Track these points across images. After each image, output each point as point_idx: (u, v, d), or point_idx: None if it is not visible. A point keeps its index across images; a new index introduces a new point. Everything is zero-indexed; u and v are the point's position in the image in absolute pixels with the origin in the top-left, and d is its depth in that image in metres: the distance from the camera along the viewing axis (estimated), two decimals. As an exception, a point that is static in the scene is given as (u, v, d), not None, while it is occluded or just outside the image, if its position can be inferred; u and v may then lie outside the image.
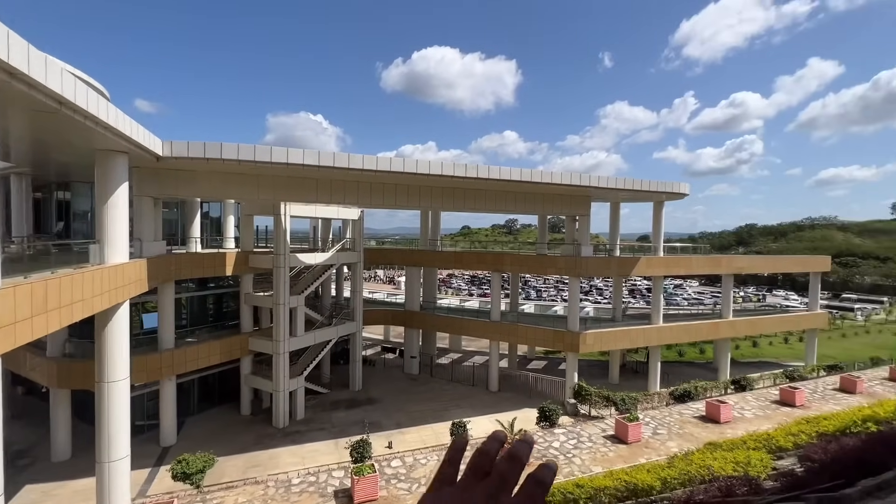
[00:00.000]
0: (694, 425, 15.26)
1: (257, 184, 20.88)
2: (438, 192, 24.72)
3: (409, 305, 34.85)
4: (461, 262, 35.70)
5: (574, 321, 27.94)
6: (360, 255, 30.51)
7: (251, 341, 25.47)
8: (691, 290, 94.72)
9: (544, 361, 38.63)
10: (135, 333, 22.17)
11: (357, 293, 30.44)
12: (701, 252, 37.52)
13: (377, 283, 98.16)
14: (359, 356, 30.52)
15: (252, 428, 24.07)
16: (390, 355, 38.96)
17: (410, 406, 27.38)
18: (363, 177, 21.54)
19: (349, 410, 26.67)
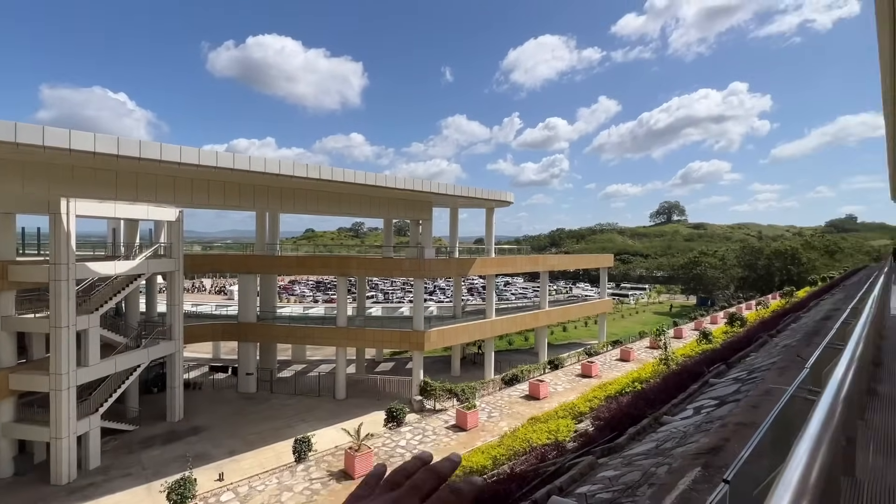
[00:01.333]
0: (520, 404, 17.53)
1: (21, 172, 16.16)
2: (276, 192, 22.96)
3: (243, 317, 31.37)
4: (304, 266, 33.76)
5: (419, 321, 29.13)
6: (179, 262, 26.22)
7: (14, 378, 19.49)
8: (518, 287, 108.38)
9: (392, 363, 39.26)
10: None
11: (176, 307, 26.04)
12: (524, 253, 43.31)
13: (204, 293, 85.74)
14: (179, 381, 26.15)
15: (16, 493, 18.42)
16: (221, 375, 34.41)
17: (246, 429, 24.66)
18: (182, 172, 18.60)
19: (166, 446, 22.63)
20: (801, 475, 1.04)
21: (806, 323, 10.23)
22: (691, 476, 2.93)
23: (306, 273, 38.22)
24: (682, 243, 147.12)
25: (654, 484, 3.03)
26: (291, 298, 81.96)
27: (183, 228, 26.90)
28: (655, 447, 4.14)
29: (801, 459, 1.12)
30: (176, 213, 26.20)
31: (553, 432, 10.33)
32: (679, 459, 3.38)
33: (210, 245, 60.25)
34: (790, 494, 0.94)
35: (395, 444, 13.96)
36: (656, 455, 3.83)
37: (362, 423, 13.07)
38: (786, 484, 0.95)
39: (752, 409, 4.32)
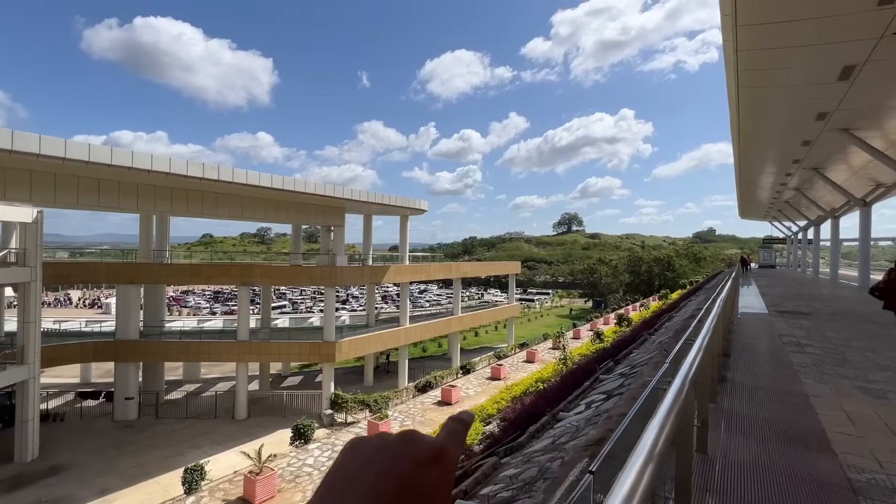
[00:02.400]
0: (433, 411, 17.68)
1: None
2: (166, 192, 20.62)
3: (122, 334, 27.46)
4: (199, 275, 30.58)
5: (330, 331, 28.03)
6: (37, 271, 22.19)
7: None
8: (432, 294, 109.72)
9: (300, 376, 37.21)
10: None
11: (31, 324, 21.93)
12: (437, 260, 44.05)
13: (72, 307, 73.64)
14: (33, 412, 22.01)
15: None
16: (91, 401, 29.67)
17: (124, 462, 21.51)
18: (42, 165, 15.85)
19: (13, 493, 18.87)
20: (646, 455, 1.19)
21: (676, 321, 11.81)
22: (580, 467, 3.19)
23: (202, 283, 34.74)
24: (581, 251, 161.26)
25: (549, 478, 3.25)
26: (184, 311, 73.90)
27: (42, 231, 22.84)
28: (552, 443, 4.45)
29: (647, 441, 1.29)
30: (33, 214, 22.17)
31: None
32: (571, 452, 3.66)
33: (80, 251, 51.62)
34: (634, 472, 1.07)
35: (301, 462, 13.17)
36: (552, 450, 4.12)
37: (263, 444, 12.11)
38: (631, 465, 1.08)
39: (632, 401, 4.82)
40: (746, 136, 17.16)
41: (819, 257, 36.40)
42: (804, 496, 3.04)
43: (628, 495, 0.95)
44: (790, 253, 56.48)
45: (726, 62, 10.87)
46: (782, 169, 23.40)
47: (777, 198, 34.47)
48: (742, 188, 31.02)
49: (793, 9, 8.36)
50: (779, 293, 19.09)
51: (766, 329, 9.84)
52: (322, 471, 12.51)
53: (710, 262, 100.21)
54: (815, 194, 29.49)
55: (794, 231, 48.36)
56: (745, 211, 46.57)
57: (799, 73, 11.34)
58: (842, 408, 4.80)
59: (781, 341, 8.51)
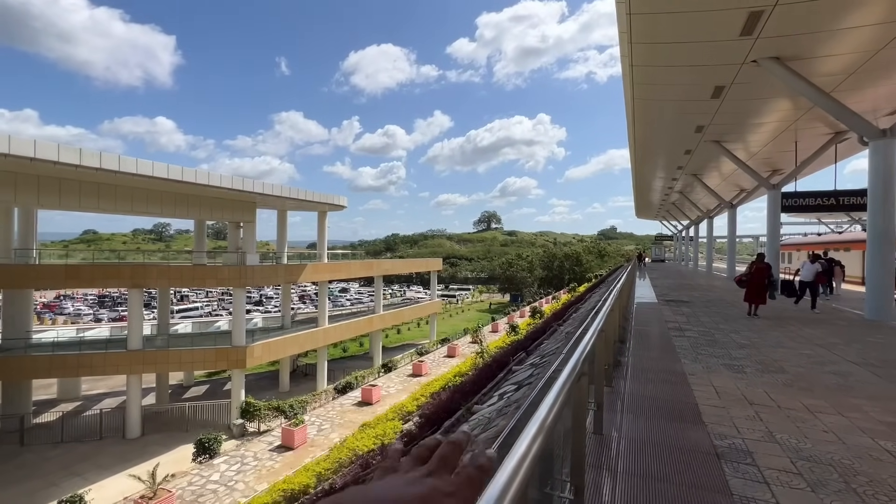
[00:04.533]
0: (353, 412, 17.23)
1: None
2: (30, 181, 17.60)
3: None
4: (78, 278, 26.45)
5: (240, 335, 26.05)
6: None
7: None
8: (354, 292, 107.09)
9: (206, 385, 34.15)
10: None
11: None
12: (358, 258, 43.01)
13: None
14: None
15: None
16: (-70, 433, 24.44)
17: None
18: None
19: None
20: (531, 437, 1.23)
21: (582, 312, 12.79)
22: (488, 458, 3.26)
23: (83, 286, 30.23)
24: (499, 248, 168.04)
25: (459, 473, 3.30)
26: (59, 319, 63.98)
27: None
28: (465, 436, 4.54)
29: (535, 422, 1.33)
30: None
31: (380, 437, 10.41)
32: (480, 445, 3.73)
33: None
34: (519, 453, 1.11)
35: (205, 480, 12.05)
36: (464, 443, 4.19)
37: (159, 464, 10.85)
38: (517, 446, 1.11)
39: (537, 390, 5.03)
40: (640, 144, 19.11)
41: (698, 252, 41.85)
42: (680, 465, 3.43)
43: (518, 462, 0.97)
44: (676, 248, 64.25)
45: (623, 75, 11.97)
46: (669, 174, 26.47)
47: (666, 199, 39.00)
48: (637, 190, 34.57)
49: (675, 32, 9.43)
50: (666, 284, 21.55)
51: (656, 316, 11.04)
52: (230, 486, 11.58)
53: (612, 258, 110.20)
54: (695, 197, 33.85)
55: (679, 229, 55.09)
56: (640, 210, 51.98)
57: (681, 90, 12.85)
58: (711, 383, 5.52)
59: (667, 326, 9.60)
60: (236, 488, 11.42)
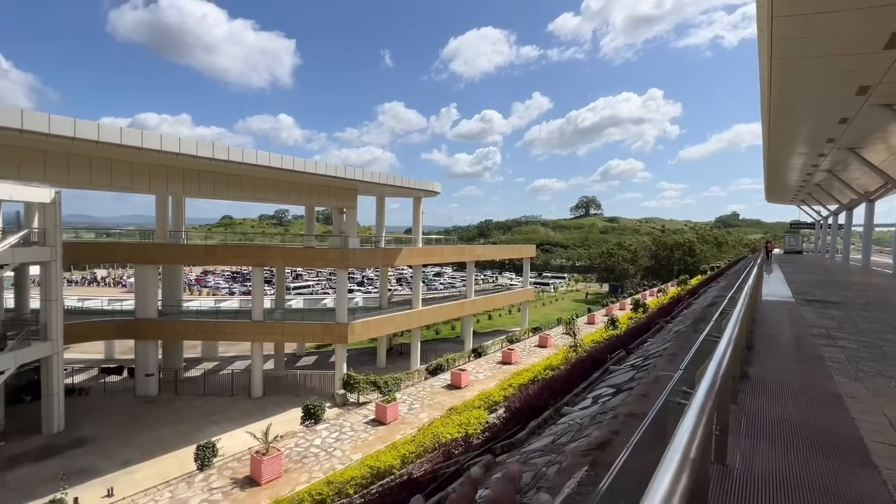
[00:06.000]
0: (442, 394, 17.58)
1: None
2: (178, 173, 20.62)
3: (141, 312, 28.09)
4: (215, 256, 30.90)
5: (342, 313, 28.13)
6: (57, 250, 22.65)
7: None
8: (447, 277, 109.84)
9: (315, 356, 37.74)
10: None
11: (52, 302, 22.52)
12: (452, 243, 43.63)
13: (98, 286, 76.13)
14: (58, 387, 22.78)
15: None
16: (114, 377, 30.68)
17: (144, 436, 22.20)
18: (51, 144, 15.91)
19: (41, 463, 19.65)
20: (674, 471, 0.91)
21: (695, 309, 11.25)
22: (577, 477, 2.82)
23: (218, 263, 35.22)
24: (598, 235, 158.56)
25: (543, 487, 2.91)
26: (203, 291, 75.72)
27: (60, 212, 23.23)
28: (552, 442, 4.11)
29: (675, 455, 0.98)
30: (51, 195, 22.53)
31: (464, 425, 10.34)
32: (570, 457, 3.29)
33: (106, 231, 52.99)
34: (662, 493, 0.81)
35: (309, 443, 13.25)
36: (551, 451, 3.78)
37: (271, 424, 12.18)
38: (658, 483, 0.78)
39: (642, 399, 4.39)
40: (777, 114, 16.08)
41: (850, 243, 34.71)
42: (839, 519, 2.62)
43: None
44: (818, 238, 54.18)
45: (759, 31, 9.99)
46: (815, 149, 22.08)
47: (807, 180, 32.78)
48: (770, 170, 29.53)
49: (839, -35, 7.52)
50: (806, 280, 18.15)
51: (793, 319, 9.22)
52: (329, 452, 12.57)
53: (732, 248, 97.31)
54: (849, 176, 27.89)
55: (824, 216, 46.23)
56: (771, 193, 44.60)
57: (839, 42, 10.36)
58: (882, 412, 4.30)
59: (810, 332, 7.92)
60: (334, 455, 12.34)
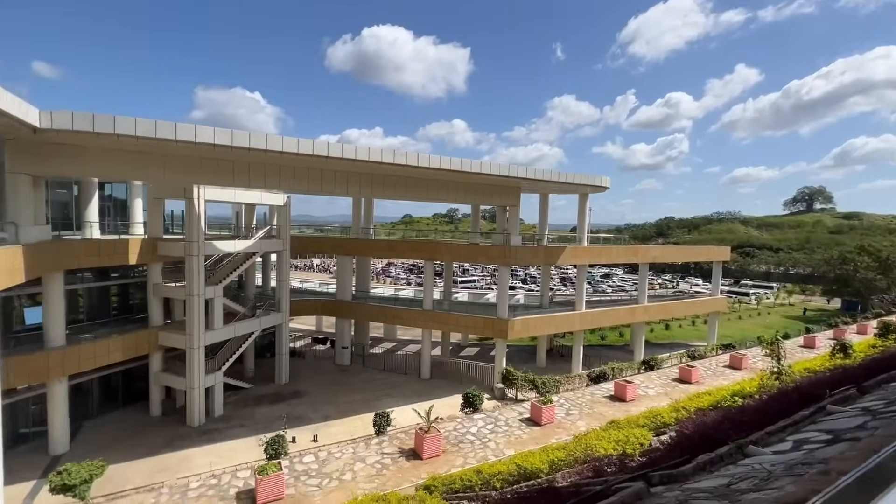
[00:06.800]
0: (603, 405, 16.31)
1: (164, 164, 19.06)
2: (367, 178, 24.09)
3: (340, 295, 33.94)
4: (394, 250, 35.29)
5: (503, 309, 28.72)
6: (286, 242, 29.08)
7: (161, 336, 23.49)
8: (617, 279, 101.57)
9: (477, 348, 39.53)
10: (14, 330, 19.61)
11: (283, 283, 29.06)
12: (623, 242, 40.08)
13: (313, 272, 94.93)
14: (285, 348, 29.29)
15: (163, 429, 22.31)
16: (321, 346, 37.85)
17: (340, 398, 26.81)
18: (284, 160, 20.41)
19: (273, 405, 25.57)
20: None
21: None
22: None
23: (397, 256, 39.99)
24: (826, 236, 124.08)
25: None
26: (387, 280, 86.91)
27: (289, 212, 29.72)
28: (726, 485, 3.36)
29: None
30: (284, 199, 29.00)
31: (622, 443, 9.23)
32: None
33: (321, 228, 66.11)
34: None
35: (466, 430, 13.96)
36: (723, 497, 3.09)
37: (433, 405, 13.26)
38: None
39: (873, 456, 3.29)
40: None
41: None
42: None
43: None
44: None
45: None
46: None
47: None
48: None
49: None
50: None
51: None
52: (483, 442, 13.02)
53: None
54: None
55: None
56: None
57: None
58: None
59: None
60: (488, 446, 12.71)
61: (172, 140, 16.60)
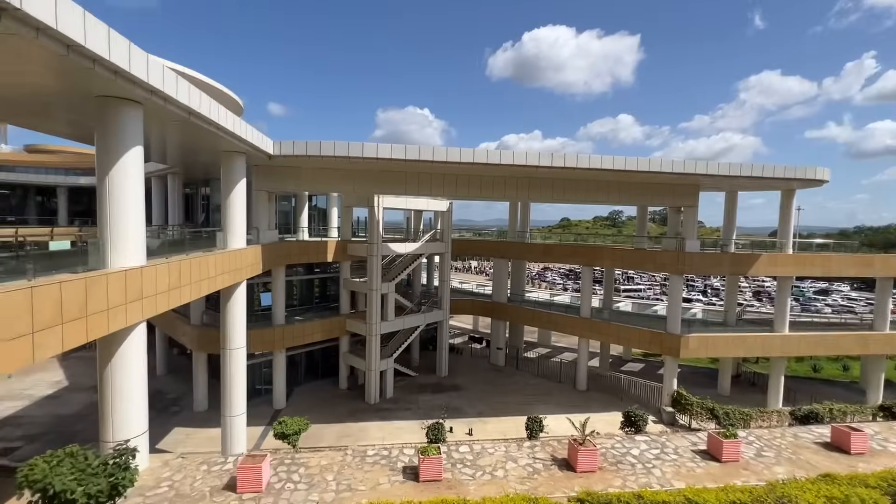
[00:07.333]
0: (813, 452, 12.90)
1: (353, 178, 22.63)
2: (525, 182, 24.26)
3: (496, 297, 34.90)
4: (551, 254, 34.55)
5: (675, 322, 25.44)
6: (448, 245, 31.30)
7: (348, 323, 27.84)
8: (840, 297, 79.52)
9: (641, 364, 35.88)
10: (255, 310, 25.68)
11: (444, 282, 31.36)
12: (849, 250, 31.16)
13: (471, 273, 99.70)
14: (445, 344, 31.52)
15: (347, 401, 26.42)
16: (477, 345, 39.53)
17: (494, 397, 27.58)
18: (447, 169, 22.06)
19: (434, 395, 27.78)
20: None
21: None
22: None
23: (553, 261, 39.09)
24: None
25: None
26: (542, 284, 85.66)
27: (451, 217, 31.93)
28: None
29: None
30: (447, 205, 31.31)
31: (837, 501, 6.88)
32: None
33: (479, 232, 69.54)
34: None
35: (626, 450, 12.77)
36: None
37: (589, 418, 12.53)
38: None
39: None
40: None
41: None
42: None
43: None
44: None
45: None
46: None
47: None
48: None
49: None
50: None
51: None
52: (647, 467, 11.73)
53: None
54: None
55: None
56: None
57: None
58: None
59: None
60: (652, 472, 11.41)
61: (360, 157, 19.60)
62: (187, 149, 19.26)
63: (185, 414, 23.68)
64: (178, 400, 25.36)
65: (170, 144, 18.40)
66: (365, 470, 11.24)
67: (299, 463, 11.59)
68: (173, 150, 19.93)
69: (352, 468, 11.31)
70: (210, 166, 23.82)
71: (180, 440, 20.62)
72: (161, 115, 11.82)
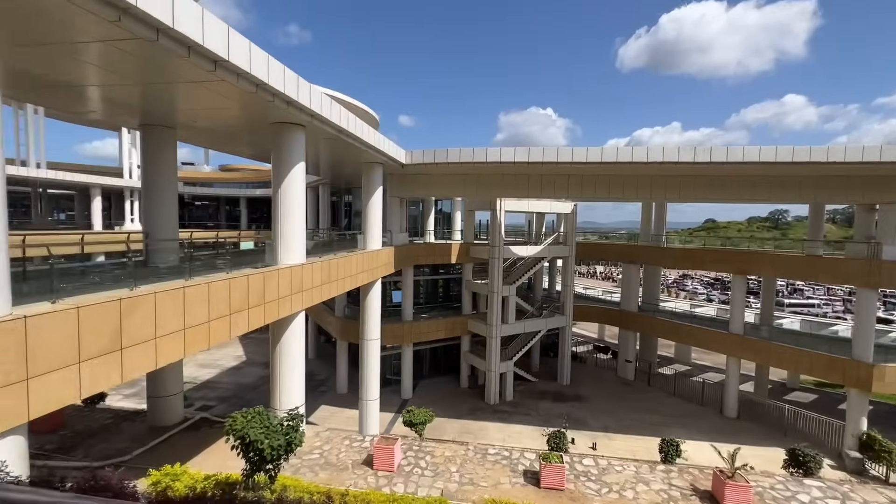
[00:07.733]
0: None
1: (476, 182, 23.31)
2: (660, 181, 22.12)
3: (624, 305, 32.40)
4: (691, 260, 30.74)
5: (864, 347, 20.52)
6: (572, 248, 30.11)
7: (469, 323, 28.67)
8: None
9: (814, 395, 29.66)
10: (386, 306, 28.11)
11: (567, 287, 30.23)
12: None
13: (596, 279, 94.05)
14: (568, 350, 30.34)
15: (467, 399, 27.19)
16: (602, 355, 37.15)
17: (621, 412, 25.66)
18: (572, 170, 21.30)
19: (555, 403, 26.96)
20: None
21: None
22: None
23: (695, 267, 34.72)
24: None
25: None
26: (680, 294, 76.64)
27: (576, 220, 30.65)
28: None
29: None
30: (571, 207, 30.17)
31: None
32: None
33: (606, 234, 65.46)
34: None
35: (790, 494, 10.68)
36: None
37: (739, 449, 10.78)
38: None
39: None
40: None
41: None
42: None
43: None
44: None
45: None
46: None
47: None
48: None
49: None
50: None
51: None
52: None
53: None
54: None
55: None
56: None
57: None
58: None
59: None
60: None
61: (483, 162, 20.14)
62: (335, 161, 22.08)
63: (330, 394, 27.04)
64: (325, 381, 29.05)
65: (322, 159, 21.32)
66: (486, 467, 11.53)
67: (426, 451, 12.40)
68: (324, 163, 23.05)
69: (473, 463, 11.69)
70: (352, 177, 26.90)
71: (326, 417, 23.62)
72: (318, 135, 13.83)
